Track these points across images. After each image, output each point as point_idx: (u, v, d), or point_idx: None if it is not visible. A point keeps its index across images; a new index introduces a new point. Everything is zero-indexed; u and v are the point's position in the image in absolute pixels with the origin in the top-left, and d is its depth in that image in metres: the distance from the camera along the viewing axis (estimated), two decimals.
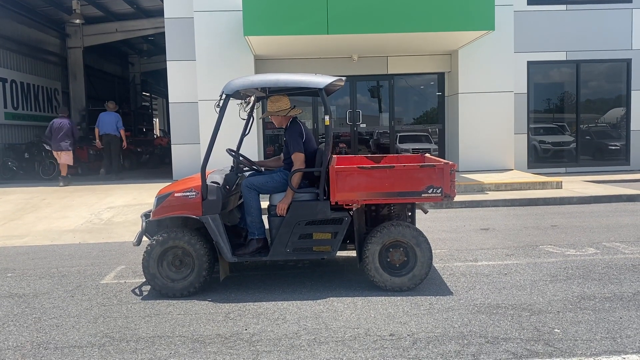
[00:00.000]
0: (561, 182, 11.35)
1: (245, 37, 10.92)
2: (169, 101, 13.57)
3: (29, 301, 5.08)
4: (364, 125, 14.30)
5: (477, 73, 13.34)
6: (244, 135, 6.09)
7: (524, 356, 3.63)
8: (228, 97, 5.15)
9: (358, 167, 5.07)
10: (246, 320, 4.43)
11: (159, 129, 36.04)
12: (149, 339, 4.08)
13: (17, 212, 9.90)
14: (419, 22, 10.88)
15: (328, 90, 5.81)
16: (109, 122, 14.03)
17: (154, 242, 5.07)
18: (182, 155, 13.43)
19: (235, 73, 12.69)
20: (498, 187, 11.06)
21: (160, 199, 5.21)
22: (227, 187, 5.34)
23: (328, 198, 5.11)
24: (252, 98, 6.11)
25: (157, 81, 32.00)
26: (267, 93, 6.07)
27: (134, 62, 28.53)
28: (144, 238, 5.45)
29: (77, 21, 19.06)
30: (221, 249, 5.10)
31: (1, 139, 16.04)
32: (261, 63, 13.47)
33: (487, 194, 10.68)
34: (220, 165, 6.41)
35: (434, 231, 7.83)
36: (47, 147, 15.97)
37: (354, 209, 5.16)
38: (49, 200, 10.94)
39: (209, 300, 4.96)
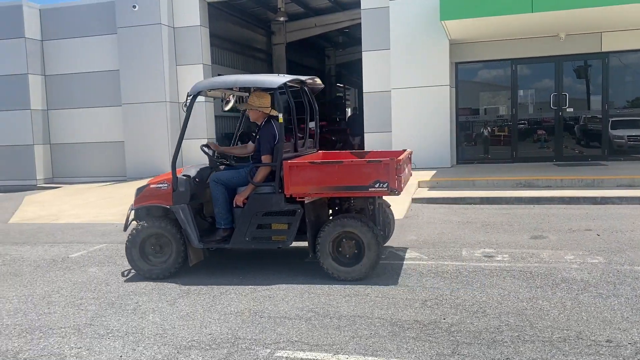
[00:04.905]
0: None
1: (441, 21, 10.69)
2: (363, 91, 13.93)
3: (245, 274, 5.68)
4: (571, 109, 13.02)
5: None
6: (238, 131, 6.49)
7: None
8: (193, 97, 5.56)
9: (309, 162, 5.36)
10: (444, 310, 4.37)
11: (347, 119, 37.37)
12: (350, 318, 4.27)
13: None
14: None
15: (314, 89, 6.33)
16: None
17: (130, 236, 5.66)
18: (374, 143, 13.71)
19: (429, 59, 12.52)
20: None
21: (139, 189, 5.83)
22: (197, 179, 5.72)
23: (283, 191, 5.29)
24: (232, 97, 6.40)
25: (350, 72, 33.05)
26: (250, 92, 6.17)
27: (330, 55, 29.88)
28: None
29: (281, 19, 20.58)
30: (189, 236, 5.51)
31: (219, 129, 18.09)
32: (456, 47, 13.08)
33: None
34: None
35: None
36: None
37: (305, 202, 5.31)
38: None
39: (406, 286, 5.00)
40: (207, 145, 6.01)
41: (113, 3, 14.74)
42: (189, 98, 5.64)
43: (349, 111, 36.37)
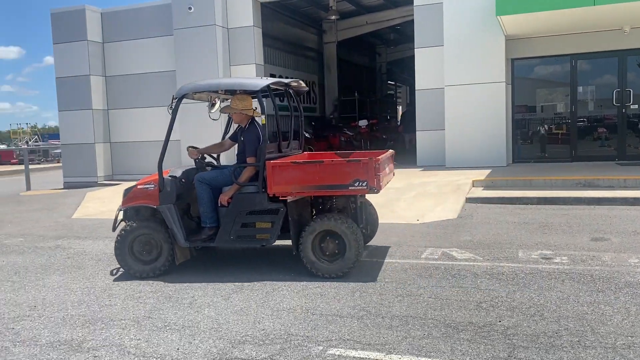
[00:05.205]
0: None
1: (497, 17, 10.43)
2: (416, 88, 13.75)
3: (296, 270, 5.72)
4: (635, 106, 12.42)
5: None
6: (225, 133, 6.63)
7: None
8: (178, 100, 5.69)
9: (291, 162, 5.50)
10: (499, 312, 4.27)
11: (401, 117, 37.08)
12: (403, 318, 4.23)
13: None
14: None
15: (298, 92, 6.54)
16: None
17: (119, 237, 5.75)
18: (426, 141, 13.53)
19: (484, 56, 12.23)
20: None
21: (127, 190, 5.98)
22: (183, 180, 5.86)
23: (266, 190, 5.39)
24: (217, 100, 6.44)
25: (402, 69, 32.73)
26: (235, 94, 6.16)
27: (381, 52, 29.69)
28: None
29: (333, 17, 20.59)
30: (175, 235, 5.63)
31: (270, 128, 18.29)
32: (512, 43, 12.72)
33: None
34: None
35: None
36: (307, 135, 17.78)
37: (288, 201, 5.41)
38: None
39: (460, 287, 4.92)
40: (192, 147, 6.28)
41: (170, 5, 15.17)
42: (174, 101, 5.78)
43: (399, 109, 36.08)
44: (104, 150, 16.37)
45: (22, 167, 19.54)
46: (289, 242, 5.72)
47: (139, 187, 5.95)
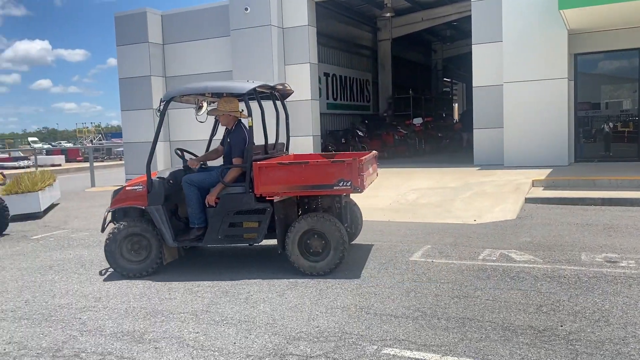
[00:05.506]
0: None
1: (560, 11, 10.05)
2: (473, 85, 13.46)
3: (350, 268, 5.72)
4: None
5: None
6: (212, 136, 6.72)
7: None
8: (166, 103, 5.78)
9: (277, 163, 5.58)
10: (561, 317, 4.12)
11: (458, 114, 36.42)
12: (459, 320, 4.16)
13: None
14: None
15: (284, 94, 6.61)
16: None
17: (107, 240, 5.81)
18: (484, 139, 13.22)
19: (545, 51, 11.83)
20: None
21: (116, 192, 6.07)
22: (171, 181, 5.92)
23: (253, 191, 5.49)
24: (204, 103, 6.46)
25: (458, 66, 32.11)
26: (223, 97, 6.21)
27: (436, 49, 29.24)
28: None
29: (388, 14, 20.45)
30: (163, 235, 5.72)
31: (324, 126, 18.37)
32: (575, 37, 12.23)
33: None
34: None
35: None
36: (360, 133, 17.73)
37: (274, 200, 5.50)
38: None
39: (519, 290, 4.78)
40: (180, 150, 6.35)
41: (227, 7, 15.48)
42: (162, 104, 5.87)
43: (456, 107, 35.42)
44: (164, 149, 16.88)
45: (87, 164, 20.47)
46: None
47: (127, 188, 6.08)
